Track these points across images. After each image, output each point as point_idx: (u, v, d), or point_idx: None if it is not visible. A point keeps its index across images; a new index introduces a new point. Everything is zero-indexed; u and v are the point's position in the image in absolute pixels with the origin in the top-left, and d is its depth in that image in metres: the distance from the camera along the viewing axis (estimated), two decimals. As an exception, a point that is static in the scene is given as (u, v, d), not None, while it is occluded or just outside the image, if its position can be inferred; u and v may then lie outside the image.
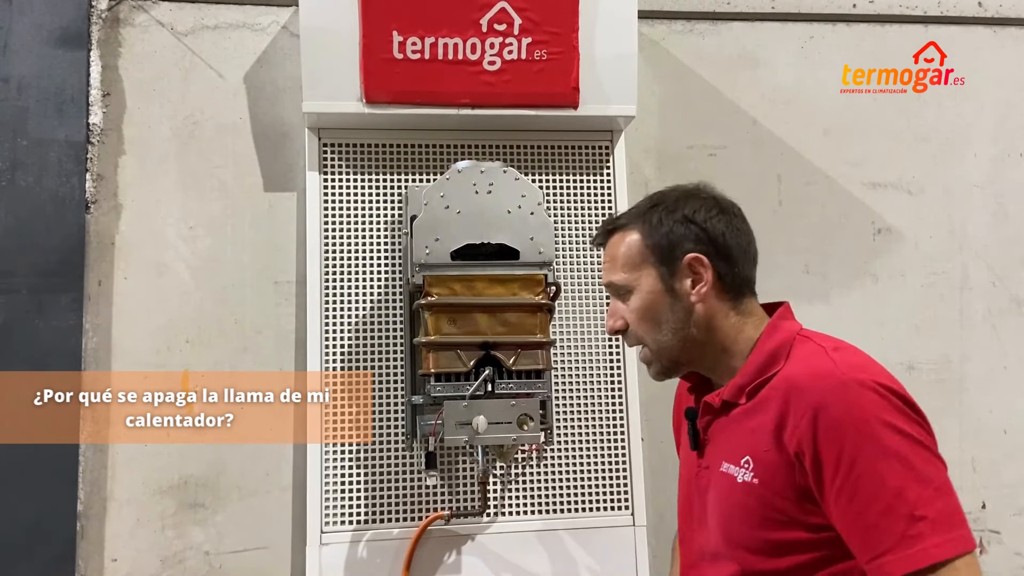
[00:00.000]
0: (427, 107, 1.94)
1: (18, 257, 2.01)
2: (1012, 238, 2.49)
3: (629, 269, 1.25)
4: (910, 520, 1.02)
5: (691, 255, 1.22)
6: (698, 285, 1.22)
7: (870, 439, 1.05)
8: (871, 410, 1.06)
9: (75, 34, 2.09)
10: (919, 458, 1.05)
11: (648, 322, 1.24)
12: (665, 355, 1.25)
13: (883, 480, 1.03)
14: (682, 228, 1.23)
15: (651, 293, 1.24)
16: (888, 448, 1.04)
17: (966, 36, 2.53)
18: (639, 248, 1.25)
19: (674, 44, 2.40)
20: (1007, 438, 2.41)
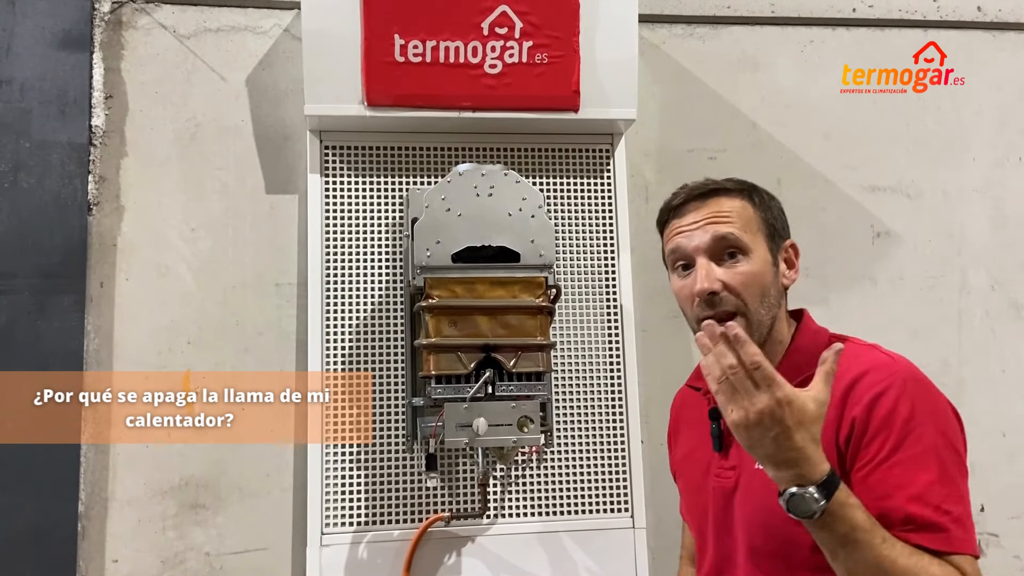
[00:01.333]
0: (428, 110, 1.95)
1: (20, 258, 2.01)
2: (1011, 242, 2.49)
3: (747, 231, 1.25)
4: (937, 511, 1.04)
5: (790, 242, 1.31)
6: (792, 270, 1.29)
7: (918, 428, 1.07)
8: (927, 403, 1.09)
9: (78, 36, 2.10)
10: (952, 461, 1.08)
11: (756, 288, 1.22)
12: (759, 329, 1.22)
13: (919, 468, 1.05)
14: (782, 216, 1.31)
15: (764, 262, 1.25)
16: (932, 442, 1.06)
17: (965, 40, 2.54)
18: (754, 216, 1.27)
19: (674, 48, 2.40)
20: (1005, 441, 2.41)
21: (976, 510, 2.35)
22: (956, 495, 1.06)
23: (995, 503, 2.38)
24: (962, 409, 2.34)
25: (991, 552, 2.37)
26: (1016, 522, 2.39)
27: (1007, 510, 2.39)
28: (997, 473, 2.39)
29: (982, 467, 2.39)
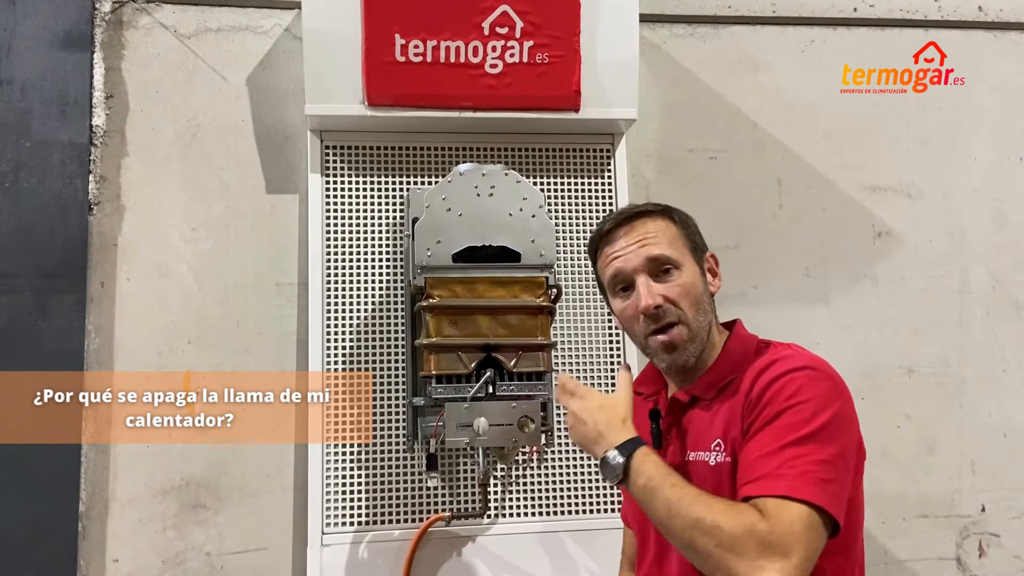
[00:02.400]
0: (429, 110, 1.95)
1: (21, 258, 2.01)
2: (1011, 242, 2.49)
3: (675, 248, 1.32)
4: (769, 466, 1.11)
5: (710, 252, 1.37)
6: (716, 278, 1.36)
7: (798, 405, 1.14)
8: (813, 388, 1.15)
9: (79, 36, 2.10)
10: (818, 437, 1.12)
11: (692, 298, 1.30)
12: (697, 338, 1.30)
13: (782, 435, 1.12)
14: (697, 230, 1.37)
15: (694, 274, 1.32)
16: (803, 417, 1.13)
17: (966, 40, 2.54)
18: (678, 233, 1.34)
19: (675, 48, 2.40)
20: (1006, 441, 2.41)
21: (977, 510, 2.37)
22: (803, 459, 1.10)
23: (996, 503, 2.38)
24: (963, 409, 2.36)
25: (992, 552, 2.37)
26: (1017, 522, 2.39)
27: (1008, 510, 2.39)
28: (998, 473, 2.39)
29: (982, 467, 2.39)
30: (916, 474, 2.37)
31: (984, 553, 2.37)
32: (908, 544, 2.34)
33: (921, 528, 2.35)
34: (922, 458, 2.37)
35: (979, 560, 2.37)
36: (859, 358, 2.38)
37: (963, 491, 2.38)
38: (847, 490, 1.13)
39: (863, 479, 1.23)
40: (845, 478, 1.13)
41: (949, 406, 2.40)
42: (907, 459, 2.36)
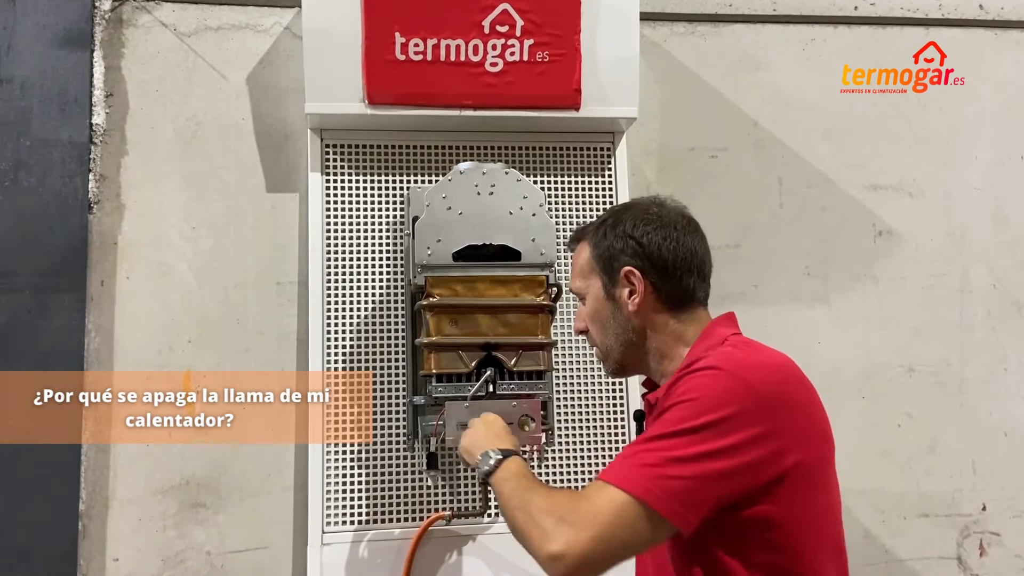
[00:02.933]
0: (429, 108, 1.94)
1: (21, 257, 2.01)
2: (1012, 241, 2.49)
3: (582, 277, 1.39)
4: (625, 458, 1.13)
5: (625, 268, 1.32)
6: (633, 296, 1.32)
7: (680, 408, 1.13)
8: (705, 389, 1.13)
9: (78, 35, 2.10)
10: (694, 440, 1.10)
11: (597, 325, 1.37)
12: (610, 357, 1.37)
13: (658, 428, 1.13)
14: (620, 243, 1.33)
15: (597, 300, 1.36)
16: (678, 417, 1.12)
17: (967, 38, 2.53)
18: (588, 259, 1.38)
19: (676, 46, 2.40)
20: (1007, 440, 2.41)
21: (978, 509, 2.36)
22: (653, 453, 1.10)
23: (997, 502, 2.38)
24: (964, 408, 2.36)
25: (993, 551, 2.38)
26: (1018, 521, 2.39)
27: (1009, 509, 2.39)
28: (998, 472, 2.39)
29: (983, 466, 2.39)
30: (917, 473, 2.36)
31: (985, 552, 2.37)
32: (909, 543, 2.34)
33: (922, 527, 2.35)
34: (923, 457, 2.37)
35: (980, 559, 2.37)
36: (860, 357, 2.38)
37: (964, 490, 2.38)
38: (702, 493, 1.09)
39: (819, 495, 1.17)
40: (704, 482, 1.08)
41: (950, 405, 2.40)
42: (908, 458, 2.36)
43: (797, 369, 1.22)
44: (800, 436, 1.14)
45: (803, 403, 1.18)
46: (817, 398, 1.22)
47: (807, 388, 1.21)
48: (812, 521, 1.16)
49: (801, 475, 1.13)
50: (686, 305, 1.32)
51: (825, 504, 1.19)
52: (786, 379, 1.18)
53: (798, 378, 1.21)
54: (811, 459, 1.15)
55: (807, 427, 1.17)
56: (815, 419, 1.19)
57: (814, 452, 1.16)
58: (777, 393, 1.14)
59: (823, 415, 1.22)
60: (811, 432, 1.17)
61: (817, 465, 1.17)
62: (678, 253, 1.31)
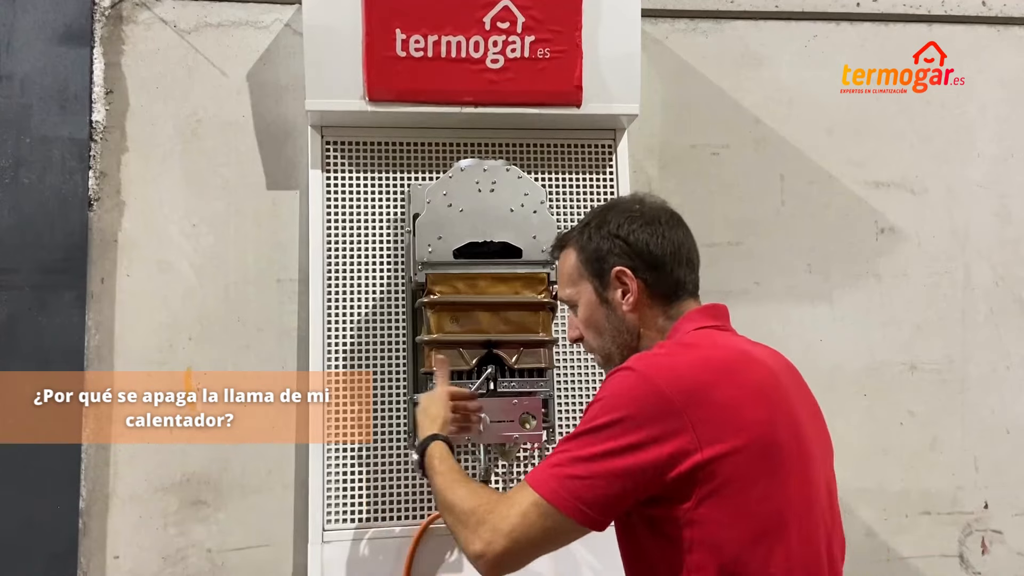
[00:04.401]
0: (430, 105, 1.94)
1: (21, 254, 2.01)
2: (1015, 238, 2.48)
3: (571, 284, 1.39)
4: (547, 457, 1.19)
5: (616, 268, 1.32)
6: (627, 295, 1.31)
7: (591, 410, 1.17)
8: (612, 391, 1.17)
9: (78, 31, 2.09)
10: (596, 439, 1.14)
11: (592, 331, 1.37)
12: (612, 361, 1.35)
13: (575, 428, 1.18)
14: (608, 243, 1.34)
15: (589, 305, 1.36)
16: (590, 417, 1.16)
17: (970, 35, 2.53)
18: (576, 264, 1.37)
19: (677, 43, 2.39)
20: (1009, 438, 2.40)
21: (980, 507, 2.36)
22: (563, 453, 1.16)
23: (999, 500, 2.38)
24: (966, 406, 2.36)
25: (995, 549, 2.37)
26: (1020, 519, 2.38)
27: (1011, 507, 2.38)
28: (1001, 470, 2.39)
29: (985, 464, 2.39)
30: (919, 471, 2.36)
31: (987, 550, 2.37)
32: (911, 541, 2.33)
33: (924, 525, 2.35)
34: (925, 455, 2.37)
35: (982, 557, 2.37)
36: (862, 354, 2.37)
37: (966, 488, 2.37)
38: (603, 492, 1.13)
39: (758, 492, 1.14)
40: (603, 480, 1.12)
41: (952, 403, 2.39)
42: (910, 456, 2.36)
43: (739, 367, 1.20)
44: (717, 434, 1.12)
45: (729, 402, 1.15)
46: (766, 400, 1.18)
47: (751, 389, 1.18)
48: (744, 518, 1.13)
49: (724, 474, 1.12)
50: (677, 298, 1.33)
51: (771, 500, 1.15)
52: (708, 380, 1.16)
53: (737, 380, 1.18)
54: (740, 459, 1.13)
55: (729, 425, 1.13)
56: (751, 423, 1.15)
57: (742, 460, 1.13)
58: (687, 393, 1.13)
59: (770, 420, 1.17)
60: (737, 435, 1.13)
61: (753, 464, 1.14)
62: (666, 247, 1.32)
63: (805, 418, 1.23)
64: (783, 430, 1.18)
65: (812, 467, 1.21)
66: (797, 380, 1.31)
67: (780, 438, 1.17)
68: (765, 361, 1.25)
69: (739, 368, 1.20)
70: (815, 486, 1.20)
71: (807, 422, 1.23)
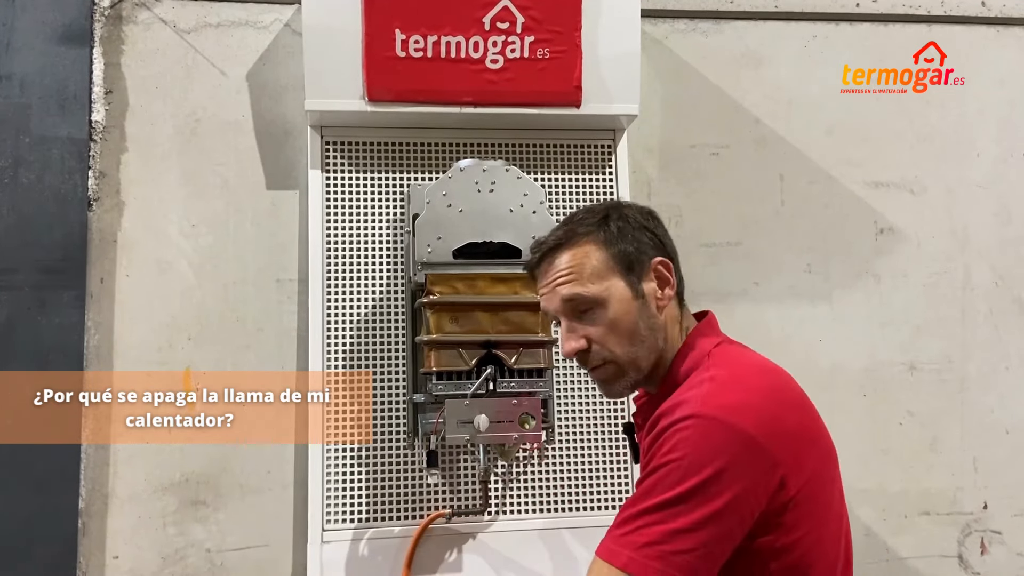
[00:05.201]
0: (429, 105, 1.94)
1: (20, 254, 2.01)
2: (1015, 238, 2.48)
3: (595, 280, 1.24)
4: (624, 535, 1.08)
5: (658, 259, 1.25)
6: (666, 288, 1.25)
7: (666, 468, 1.07)
8: (692, 449, 1.07)
9: (78, 31, 2.09)
10: (693, 504, 1.05)
11: (620, 334, 1.23)
12: (633, 368, 1.25)
13: (639, 499, 1.08)
14: (639, 235, 1.26)
15: (622, 302, 1.23)
16: (665, 483, 1.07)
17: (969, 36, 2.52)
18: (603, 257, 1.24)
19: (677, 43, 2.39)
20: (1009, 438, 2.40)
21: (979, 507, 2.36)
22: (652, 528, 1.06)
23: (998, 501, 2.38)
24: (965, 406, 2.35)
25: (994, 549, 2.37)
26: (1019, 519, 2.38)
27: (1010, 507, 2.38)
28: (1000, 470, 2.39)
29: (985, 464, 2.39)
30: (918, 471, 2.36)
31: (986, 550, 2.37)
32: (910, 541, 2.33)
33: (923, 525, 2.35)
34: (924, 455, 2.37)
35: (981, 557, 2.37)
36: (861, 355, 2.37)
37: (965, 488, 2.37)
38: (714, 556, 1.06)
39: (824, 513, 1.14)
40: (711, 546, 1.05)
41: (951, 403, 2.39)
42: (909, 456, 2.36)
43: (788, 387, 1.18)
44: (799, 464, 1.10)
45: (800, 428, 1.12)
46: (812, 413, 1.17)
47: (802, 407, 1.16)
48: (819, 539, 1.13)
49: (804, 500, 1.10)
50: (682, 300, 1.31)
51: (831, 519, 1.16)
52: (777, 410, 1.12)
53: (793, 400, 1.15)
54: (813, 482, 1.11)
55: (805, 452, 1.12)
56: (813, 440, 1.14)
57: (815, 475, 1.12)
58: (768, 429, 1.08)
59: (820, 431, 1.17)
60: (810, 456, 1.12)
61: (818, 485, 1.13)
62: (674, 245, 1.31)
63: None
64: (833, 452, 1.19)
65: (839, 477, 1.22)
66: None
67: (832, 455, 1.18)
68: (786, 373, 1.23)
69: (786, 388, 1.17)
70: (841, 498, 1.22)
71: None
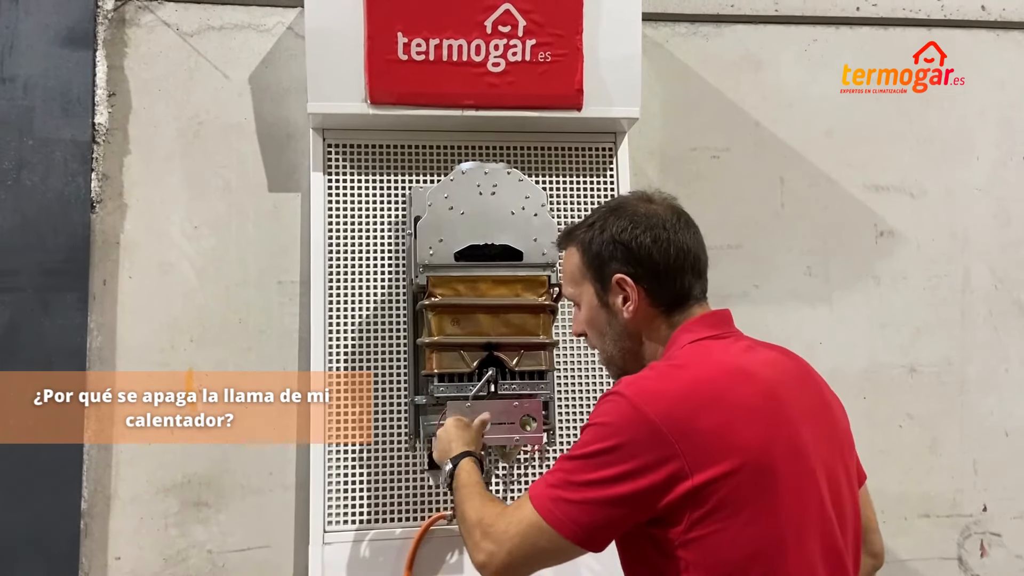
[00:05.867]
0: (431, 108, 1.94)
1: (24, 256, 2.01)
2: (1014, 241, 2.49)
3: (574, 284, 1.36)
4: (547, 474, 1.21)
5: (617, 276, 1.28)
6: (627, 303, 1.29)
7: (584, 434, 1.19)
8: (601, 416, 1.17)
9: (81, 34, 2.10)
10: (589, 465, 1.15)
11: (593, 331, 1.36)
12: (612, 363, 1.36)
13: (572, 449, 1.19)
14: (610, 248, 1.30)
15: (591, 308, 1.34)
16: (582, 442, 1.18)
17: (969, 39, 2.53)
18: (579, 265, 1.34)
19: (678, 46, 2.40)
20: (1008, 441, 2.41)
21: (979, 509, 2.36)
22: (559, 473, 1.18)
23: (998, 503, 2.38)
24: (965, 408, 2.35)
25: (994, 552, 2.37)
26: (1019, 522, 2.39)
27: (1010, 510, 2.39)
28: (1000, 473, 2.39)
29: (984, 467, 2.39)
30: (918, 473, 2.36)
31: (986, 553, 2.37)
32: (909, 543, 2.34)
33: (922, 527, 2.35)
34: (924, 457, 2.37)
35: (980, 560, 2.37)
36: (861, 357, 2.38)
37: (965, 490, 2.38)
38: (596, 516, 1.14)
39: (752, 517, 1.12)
40: (595, 506, 1.14)
41: (951, 405, 2.40)
42: (909, 458, 2.36)
43: (727, 386, 1.16)
44: (705, 462, 1.10)
45: (718, 427, 1.12)
46: (760, 413, 1.15)
47: (737, 407, 1.15)
48: (735, 541, 1.12)
49: (715, 498, 1.10)
50: (680, 305, 1.29)
51: (763, 522, 1.13)
52: (696, 406, 1.13)
53: (717, 398, 1.15)
54: (731, 483, 1.11)
55: (719, 450, 1.11)
56: (738, 440, 1.12)
57: (735, 475, 1.11)
58: (676, 421, 1.11)
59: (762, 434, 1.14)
60: (727, 455, 1.11)
61: (744, 487, 1.11)
62: (670, 254, 1.27)
63: (808, 430, 1.19)
64: (778, 450, 1.15)
65: (815, 484, 1.17)
66: (803, 384, 1.27)
67: (774, 459, 1.14)
68: (760, 374, 1.20)
69: (729, 388, 1.17)
70: (818, 504, 1.17)
71: (811, 433, 1.19)
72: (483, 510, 1.28)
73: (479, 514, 1.27)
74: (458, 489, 1.40)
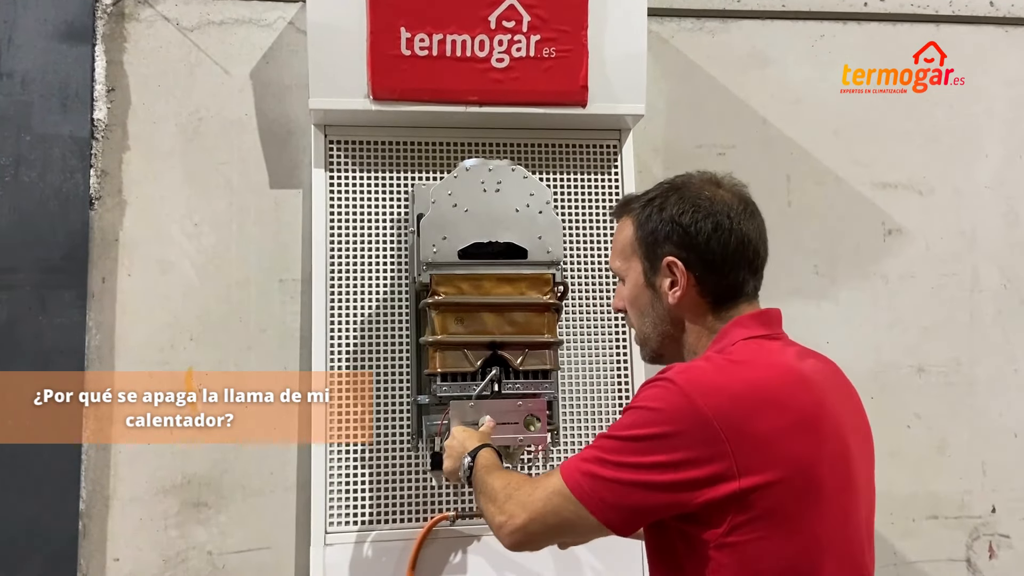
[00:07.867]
0: (435, 104, 1.93)
1: (22, 253, 2.00)
2: (1023, 240, 2.47)
3: (623, 258, 1.31)
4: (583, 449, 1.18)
5: (668, 258, 1.22)
6: (674, 288, 1.23)
7: (630, 413, 1.15)
8: (641, 401, 1.14)
9: (80, 29, 2.08)
10: (631, 448, 1.12)
11: (634, 310, 1.31)
12: (647, 344, 1.31)
13: (610, 428, 1.17)
14: (667, 228, 1.24)
15: (636, 286, 1.29)
16: (619, 425, 1.15)
17: (977, 36, 2.51)
18: (631, 240, 1.29)
19: (683, 42, 2.38)
20: (1017, 441, 2.39)
21: (987, 511, 2.35)
22: (594, 449, 1.16)
23: (1007, 504, 2.36)
24: (973, 409, 2.33)
25: (1003, 553, 2.36)
26: (1028, 523, 2.37)
27: (1019, 511, 2.37)
28: (1008, 474, 2.38)
29: (993, 467, 2.37)
30: (926, 474, 2.35)
31: (994, 554, 2.35)
32: (918, 545, 2.32)
33: (931, 529, 2.34)
34: (932, 458, 2.35)
35: (989, 561, 2.35)
36: (868, 357, 2.36)
37: (973, 492, 2.36)
38: (624, 498, 1.11)
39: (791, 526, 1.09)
40: (625, 488, 1.11)
41: (960, 406, 2.38)
42: (917, 459, 2.34)
43: (787, 394, 1.12)
44: (755, 466, 1.07)
45: (773, 432, 1.09)
46: (813, 426, 1.12)
47: (793, 414, 1.11)
48: (775, 553, 1.09)
49: (760, 506, 1.07)
50: (730, 300, 1.24)
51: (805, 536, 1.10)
52: (753, 407, 1.09)
53: (775, 403, 1.11)
54: (777, 492, 1.08)
55: (771, 457, 1.08)
56: (790, 450, 1.09)
57: (783, 485, 1.08)
58: (731, 419, 1.07)
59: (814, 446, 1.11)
60: (778, 463, 1.08)
61: (791, 498, 1.09)
62: (729, 246, 1.21)
63: (855, 443, 1.16)
64: (827, 464, 1.11)
65: (855, 500, 1.15)
66: (846, 393, 1.23)
67: (822, 473, 1.11)
68: (814, 381, 1.16)
69: (787, 394, 1.12)
70: (855, 521, 1.15)
71: (856, 448, 1.17)
72: (509, 478, 1.28)
73: (504, 481, 1.27)
74: (479, 471, 1.38)
